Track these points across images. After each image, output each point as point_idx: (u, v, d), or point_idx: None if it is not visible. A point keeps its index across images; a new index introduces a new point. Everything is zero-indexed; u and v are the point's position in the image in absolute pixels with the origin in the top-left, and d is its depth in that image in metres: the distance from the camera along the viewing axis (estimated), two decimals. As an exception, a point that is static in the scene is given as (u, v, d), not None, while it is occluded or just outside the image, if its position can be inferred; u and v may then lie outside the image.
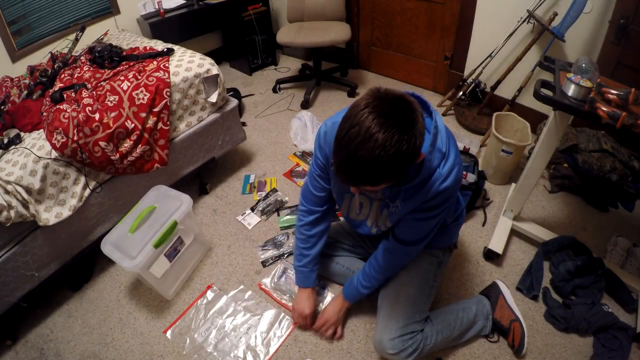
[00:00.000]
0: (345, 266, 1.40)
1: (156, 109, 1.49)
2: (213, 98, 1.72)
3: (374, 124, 0.71)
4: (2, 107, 1.57)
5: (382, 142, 0.70)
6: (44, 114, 1.46)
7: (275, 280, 1.48)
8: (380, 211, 1.08)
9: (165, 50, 1.73)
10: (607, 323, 1.25)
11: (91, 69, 1.70)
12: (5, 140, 1.36)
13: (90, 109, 1.38)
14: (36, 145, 1.32)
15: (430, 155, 0.89)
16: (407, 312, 1.15)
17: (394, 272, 1.21)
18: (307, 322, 1.31)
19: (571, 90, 1.07)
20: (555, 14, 1.83)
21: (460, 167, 0.95)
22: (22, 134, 1.43)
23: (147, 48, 1.82)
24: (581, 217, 1.72)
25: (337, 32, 2.44)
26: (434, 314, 1.24)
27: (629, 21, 1.51)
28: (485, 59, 2.14)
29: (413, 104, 0.75)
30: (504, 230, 1.56)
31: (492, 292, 1.33)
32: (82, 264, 1.59)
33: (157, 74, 1.52)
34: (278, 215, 1.81)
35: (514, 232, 1.60)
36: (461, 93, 2.28)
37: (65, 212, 1.36)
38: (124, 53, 1.79)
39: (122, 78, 1.50)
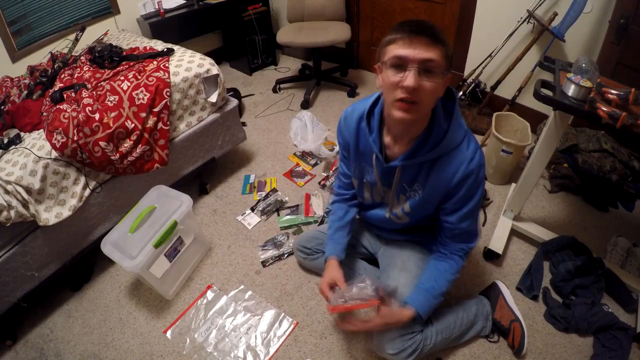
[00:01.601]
0: (347, 266, 1.39)
1: (156, 109, 1.49)
2: (213, 98, 1.72)
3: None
4: (2, 107, 1.57)
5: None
6: (44, 114, 1.46)
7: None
8: (397, 196, 1.10)
9: (165, 50, 1.73)
10: (607, 323, 1.25)
11: (91, 69, 1.69)
12: (5, 140, 1.36)
13: (90, 109, 1.38)
14: (36, 145, 1.32)
15: (452, 128, 0.92)
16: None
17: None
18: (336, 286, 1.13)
19: (571, 90, 1.07)
20: (555, 14, 1.83)
21: (482, 151, 0.97)
22: (22, 134, 1.43)
23: (147, 48, 1.82)
24: (581, 217, 1.72)
25: (337, 32, 2.44)
26: (433, 314, 1.23)
27: (629, 21, 1.50)
28: (485, 59, 2.14)
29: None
30: (504, 230, 1.56)
31: (492, 293, 1.33)
32: (82, 264, 1.59)
33: (157, 74, 1.52)
34: (278, 215, 1.81)
35: (514, 232, 1.60)
36: (461, 93, 2.27)
37: (65, 212, 1.36)
38: (124, 53, 1.79)
39: (122, 78, 1.50)
